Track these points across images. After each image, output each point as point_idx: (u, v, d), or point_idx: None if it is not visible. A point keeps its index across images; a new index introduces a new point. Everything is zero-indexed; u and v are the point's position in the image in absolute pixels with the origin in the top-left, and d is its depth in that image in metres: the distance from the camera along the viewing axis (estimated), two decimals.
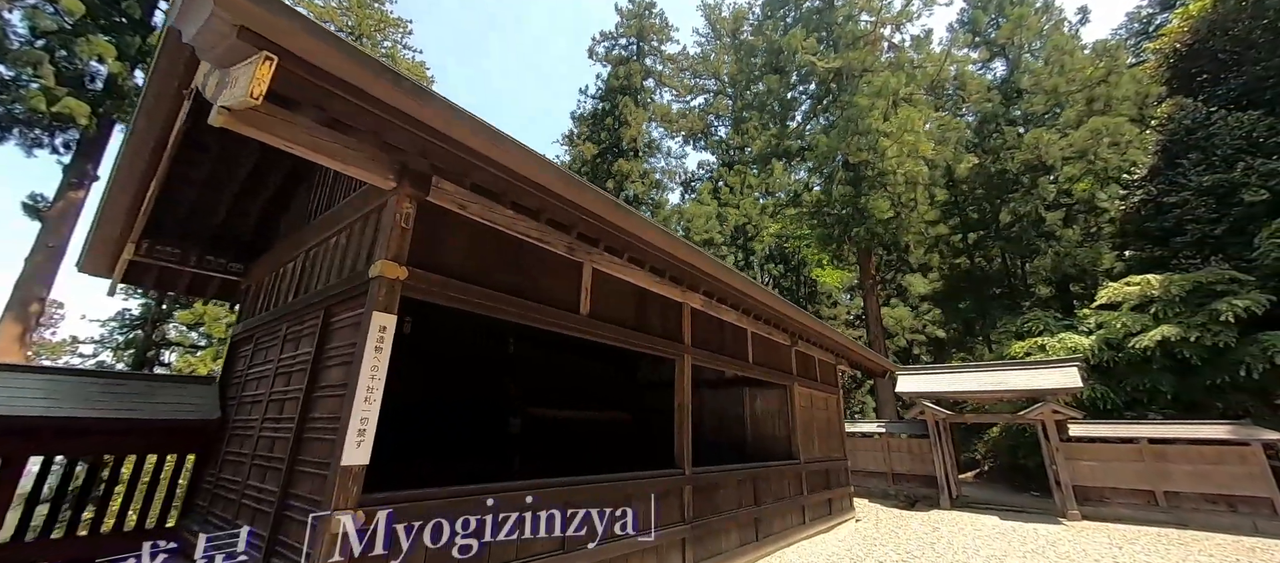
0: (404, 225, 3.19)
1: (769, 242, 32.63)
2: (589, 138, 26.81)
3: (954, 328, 25.03)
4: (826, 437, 9.50)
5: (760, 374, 7.57)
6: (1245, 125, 14.56)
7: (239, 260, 5.74)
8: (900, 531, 8.76)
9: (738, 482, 6.30)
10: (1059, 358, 13.26)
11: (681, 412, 5.58)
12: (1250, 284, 12.05)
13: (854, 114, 18.13)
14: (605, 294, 4.86)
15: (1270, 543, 8.44)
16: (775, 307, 7.12)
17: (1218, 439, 10.45)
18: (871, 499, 13.68)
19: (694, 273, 5.42)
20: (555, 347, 9.01)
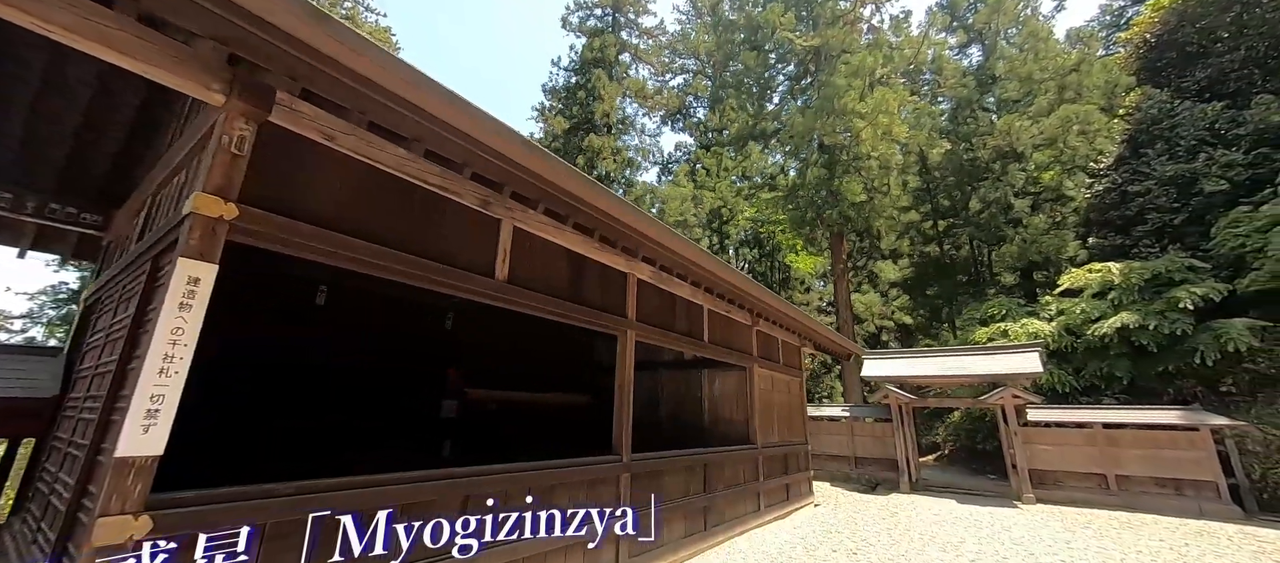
0: (235, 151, 2.49)
1: (744, 226, 32.37)
2: (561, 112, 25.74)
3: (921, 314, 25.31)
4: (788, 420, 9.17)
5: (718, 355, 7.10)
6: (1208, 116, 14.70)
7: (97, 210, 4.87)
8: (858, 516, 8.53)
9: (686, 468, 5.84)
10: (1020, 343, 13.30)
11: (622, 393, 5.04)
12: (1206, 272, 12.20)
13: (830, 93, 17.69)
14: (530, 258, 4.23)
15: (1215, 526, 8.54)
16: (734, 282, 6.63)
17: (1168, 424, 10.58)
18: (834, 483, 13.59)
19: (639, 239, 4.85)
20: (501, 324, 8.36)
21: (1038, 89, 18.44)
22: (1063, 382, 13.26)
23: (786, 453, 8.74)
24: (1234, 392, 11.59)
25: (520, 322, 6.53)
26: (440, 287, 3.48)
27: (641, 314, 5.56)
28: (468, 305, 6.81)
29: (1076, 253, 16.60)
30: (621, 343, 5.20)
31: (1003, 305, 15.97)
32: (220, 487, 2.31)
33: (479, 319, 8.03)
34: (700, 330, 6.75)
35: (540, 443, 5.77)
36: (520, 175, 3.48)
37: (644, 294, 5.66)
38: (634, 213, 4.45)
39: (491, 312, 4.94)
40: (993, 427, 13.95)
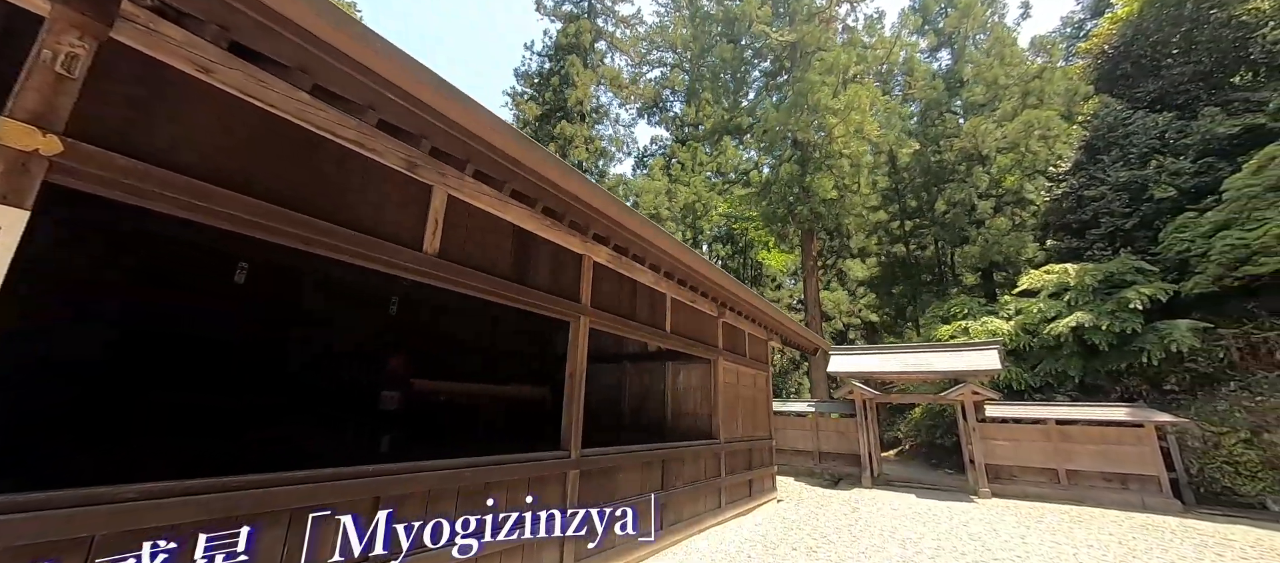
0: (61, 71, 1.98)
1: (718, 221, 32.40)
2: (533, 97, 24.99)
3: (887, 313, 25.80)
4: (752, 415, 8.98)
5: (681, 346, 6.80)
6: (1159, 126, 15.29)
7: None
8: (820, 512, 8.42)
9: (642, 465, 5.51)
10: (980, 341, 13.58)
11: (573, 384, 4.66)
12: (1154, 274, 12.67)
13: (804, 89, 17.65)
14: (466, 232, 3.80)
15: (1158, 519, 8.81)
16: (699, 270, 6.32)
17: (1117, 421, 10.92)
18: (798, 478, 13.59)
19: (591, 215, 4.46)
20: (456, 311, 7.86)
21: (1003, 94, 18.89)
22: (1019, 379, 13.60)
23: (751, 448, 8.55)
24: (1176, 390, 12.07)
25: (477, 310, 6.13)
26: (353, 258, 3.02)
27: (597, 300, 5.19)
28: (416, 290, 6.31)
29: (1035, 254, 17.09)
30: (574, 330, 4.82)
31: (964, 304, 16.31)
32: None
33: (430, 306, 7.51)
34: (662, 320, 6.43)
35: (498, 438, 5.38)
36: (440, 127, 3.03)
37: (600, 279, 5.29)
38: (586, 186, 4.07)
39: (444, 297, 4.51)
40: (952, 423, 14.26)
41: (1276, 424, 10.60)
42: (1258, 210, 10.90)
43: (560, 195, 4.02)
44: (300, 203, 2.79)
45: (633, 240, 5.07)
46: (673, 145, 35.92)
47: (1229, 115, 14.33)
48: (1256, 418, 10.84)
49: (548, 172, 3.72)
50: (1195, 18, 17.10)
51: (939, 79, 20.91)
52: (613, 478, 5.02)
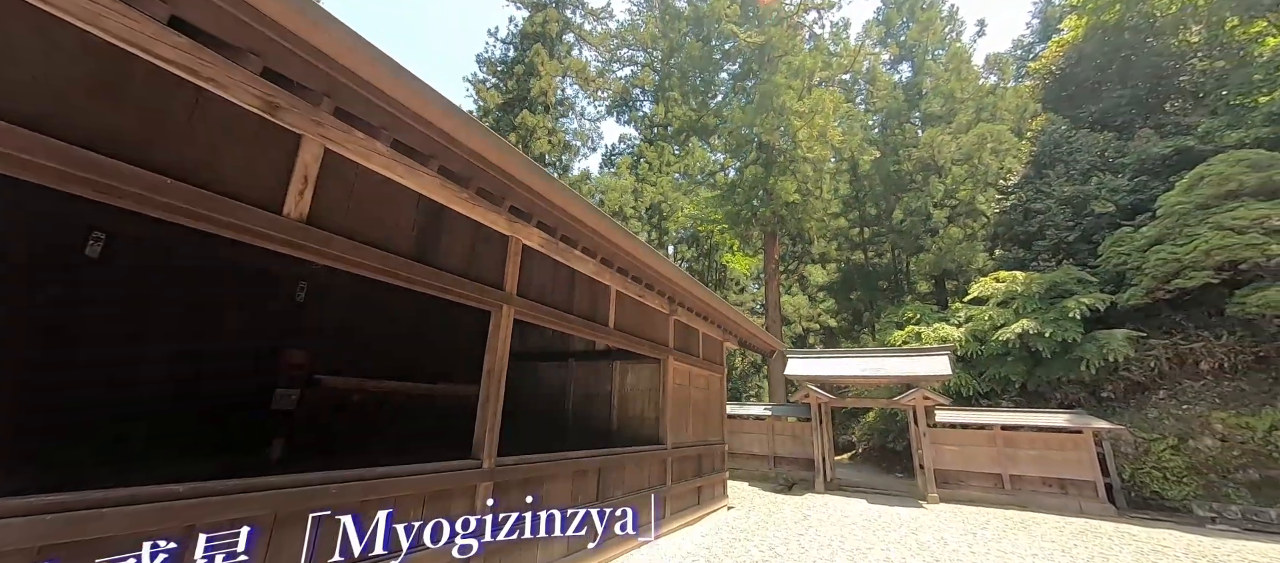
0: None
1: (684, 223, 32.25)
2: (496, 86, 23.99)
3: (845, 318, 26.21)
4: (705, 419, 8.58)
5: (627, 344, 6.29)
6: (1100, 145, 15.99)
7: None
8: (771, 520, 8.09)
9: (573, 474, 4.95)
10: (932, 347, 13.75)
11: (491, 383, 4.06)
12: (1093, 285, 13.13)
13: (770, 91, 17.57)
14: (351, 196, 3.15)
15: (1096, 524, 8.96)
16: (649, 263, 5.83)
17: (1058, 427, 11.18)
18: (752, 483, 13.34)
19: (517, 190, 3.88)
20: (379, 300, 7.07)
21: (959, 108, 19.43)
22: (967, 385, 13.84)
23: (701, 453, 8.13)
24: (1111, 397, 12.51)
25: (406, 300, 5.43)
26: (168, 213, 2.34)
27: (527, 289, 4.60)
28: (328, 275, 5.53)
29: (985, 264, 17.59)
30: (495, 321, 4.22)
31: (918, 310, 16.57)
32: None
33: (347, 294, 6.70)
34: (606, 315, 5.90)
35: (427, 444, 4.70)
36: (301, 56, 2.40)
37: (531, 265, 4.71)
38: (506, 152, 3.49)
39: (363, 286, 3.82)
40: (903, 427, 14.40)
41: (1201, 431, 11.10)
42: (1188, 227, 11.40)
43: (473, 161, 3.42)
44: (103, 141, 2.10)
45: (565, 222, 4.52)
46: (641, 145, 35.52)
47: (1162, 137, 15.11)
48: (1183, 425, 11.33)
49: (455, 129, 3.13)
50: (1132, 45, 18.07)
51: (899, 90, 21.36)
52: (538, 489, 4.45)
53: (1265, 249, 9.92)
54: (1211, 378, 11.68)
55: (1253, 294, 10.17)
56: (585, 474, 5.16)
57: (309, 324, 6.23)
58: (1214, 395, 11.44)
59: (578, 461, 5.02)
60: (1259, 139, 12.12)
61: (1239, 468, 10.56)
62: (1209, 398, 11.44)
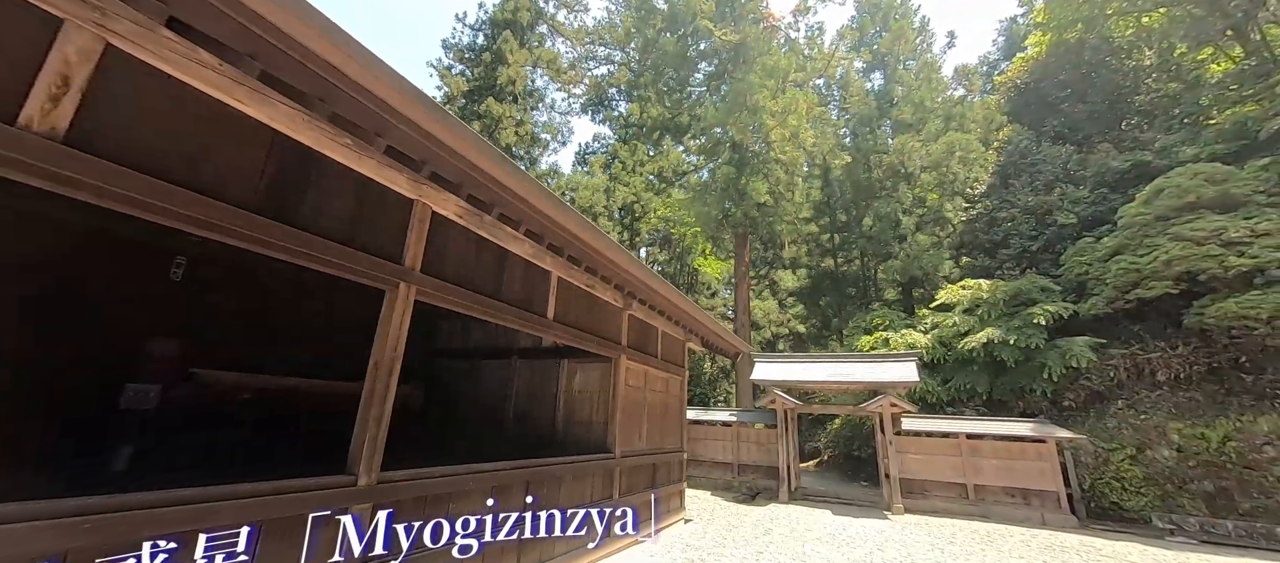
0: None
1: (656, 224, 31.72)
2: (462, 72, 22.88)
3: (814, 324, 26.11)
4: (661, 425, 7.89)
5: (571, 339, 5.55)
6: (1062, 157, 16.22)
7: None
8: (729, 536, 7.46)
9: (492, 490, 4.17)
10: (899, 353, 13.52)
11: (376, 377, 3.26)
12: (1056, 293, 13.15)
13: (744, 89, 17.19)
14: (155, 118, 2.32)
15: (1060, 538, 8.69)
16: (598, 248, 5.12)
17: (1022, 436, 11.01)
18: (715, 492, 12.74)
19: (413, 136, 3.11)
20: (272, 284, 6.11)
21: (929, 117, 19.53)
22: (933, 392, 13.64)
23: (656, 462, 7.44)
24: (1073, 406, 12.48)
25: (312, 282, 4.53)
26: None
27: (438, 266, 3.82)
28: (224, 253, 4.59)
29: (951, 271, 17.63)
30: (390, 302, 3.42)
31: (886, 316, 16.41)
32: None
33: (241, 276, 5.73)
34: (544, 304, 5.14)
35: (331, 448, 3.84)
36: None
37: (445, 238, 3.93)
38: (408, 97, 2.72)
39: (260, 263, 2.95)
40: (869, 434, 14.13)
41: (1158, 440, 11.12)
42: (1148, 238, 11.46)
43: (354, 94, 2.64)
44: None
45: (490, 190, 3.77)
46: (615, 144, 34.87)
47: (1120, 151, 15.40)
48: (1141, 435, 11.34)
49: (315, 45, 2.35)
50: (1092, 64, 18.51)
51: (872, 97, 21.40)
52: (441, 510, 3.65)
53: (1223, 260, 9.96)
54: (1167, 388, 11.76)
55: (1211, 305, 10.22)
56: (508, 490, 4.38)
57: (189, 308, 5.24)
58: (1170, 405, 11.50)
59: (498, 473, 4.25)
60: (1213, 155, 12.35)
61: (1194, 479, 10.58)
62: (1166, 408, 11.50)
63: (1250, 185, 10.55)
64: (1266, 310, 9.37)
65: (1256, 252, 9.74)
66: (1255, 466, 10.20)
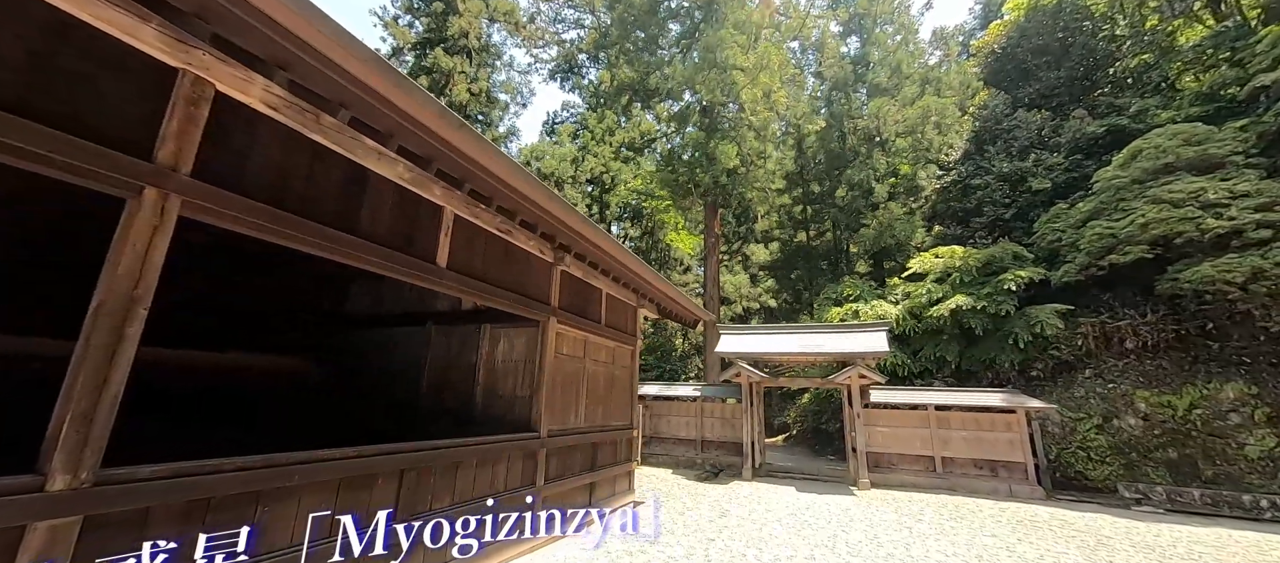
0: None
1: (627, 196, 30.53)
2: (409, 23, 20.87)
3: (786, 298, 25.65)
4: (606, 399, 6.98)
5: (473, 294, 4.50)
6: (1038, 123, 15.73)
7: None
8: (681, 521, 6.68)
9: (344, 485, 3.15)
10: (870, 323, 12.96)
11: (101, 327, 2.15)
12: (1028, 260, 12.73)
13: (714, 43, 16.01)
14: None
15: (1030, 510, 8.27)
16: (507, 179, 4.03)
17: (992, 406, 10.60)
18: (677, 470, 12.05)
19: None
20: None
21: (905, 82, 18.79)
22: (902, 365, 13.18)
23: (598, 441, 6.54)
24: (1041, 376, 12.18)
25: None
26: None
27: (226, 172, 2.69)
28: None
29: (923, 241, 17.18)
30: (130, 215, 2.29)
31: (856, 287, 15.87)
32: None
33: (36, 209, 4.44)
34: (430, 246, 4.06)
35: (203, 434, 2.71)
36: None
37: (246, 136, 2.80)
38: None
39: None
40: (838, 408, 13.67)
41: (1124, 409, 10.88)
42: (1125, 201, 11.02)
43: None
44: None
45: (332, 81, 2.64)
46: (585, 113, 33.15)
47: (1096, 118, 14.98)
48: (1107, 404, 11.09)
49: None
50: (1068, 30, 18.00)
51: (847, 61, 20.50)
52: (226, 520, 2.60)
53: (1200, 223, 9.55)
54: (1135, 357, 11.51)
55: (1185, 270, 9.84)
56: (368, 485, 3.36)
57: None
58: (1137, 374, 11.27)
59: (348, 461, 3.21)
60: (1190, 118, 11.93)
61: (1159, 448, 10.40)
62: (1133, 376, 11.26)
63: (1229, 146, 10.13)
64: (1242, 274, 9.00)
65: (1234, 213, 9.34)
66: (1220, 433, 10.05)
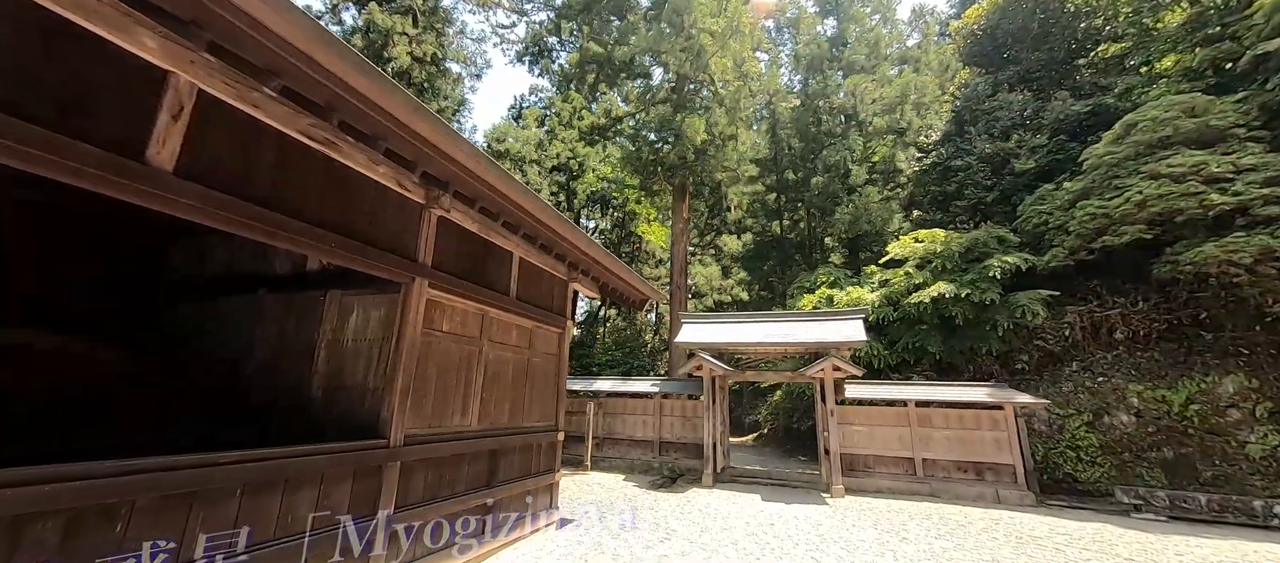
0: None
1: (594, 184, 28.99)
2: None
3: (759, 290, 24.52)
4: (523, 395, 5.49)
5: (288, 240, 2.94)
6: (1020, 104, 14.89)
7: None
8: (611, 550, 5.24)
9: None
10: (845, 310, 11.82)
11: None
12: (1013, 244, 11.77)
13: (680, 6, 14.59)
14: None
15: (1027, 521, 7.15)
16: (351, 80, 2.50)
17: (977, 402, 9.52)
18: (630, 476, 10.63)
19: None
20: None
21: (883, 60, 17.80)
22: (879, 357, 12.07)
23: (502, 448, 5.04)
24: (1026, 368, 11.23)
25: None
26: None
27: None
28: None
29: (901, 227, 16.20)
30: None
31: (831, 274, 14.75)
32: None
33: None
34: (139, 136, 2.47)
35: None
36: None
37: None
38: None
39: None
40: (810, 405, 12.50)
41: (1117, 405, 9.96)
42: (1118, 178, 10.10)
43: None
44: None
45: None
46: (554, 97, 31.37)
47: (1079, 98, 14.20)
48: (1098, 399, 10.14)
49: None
50: (1047, 8, 17.29)
51: (824, 40, 19.41)
52: None
53: (1204, 199, 8.62)
54: (1125, 348, 10.64)
55: (1186, 251, 8.91)
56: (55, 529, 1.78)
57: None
58: (1129, 367, 10.37)
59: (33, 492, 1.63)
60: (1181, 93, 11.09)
61: (1154, 447, 9.49)
62: (1124, 369, 10.37)
63: (1231, 118, 9.26)
64: (1250, 253, 8.08)
65: (1240, 188, 8.44)
66: (1218, 430, 9.18)
